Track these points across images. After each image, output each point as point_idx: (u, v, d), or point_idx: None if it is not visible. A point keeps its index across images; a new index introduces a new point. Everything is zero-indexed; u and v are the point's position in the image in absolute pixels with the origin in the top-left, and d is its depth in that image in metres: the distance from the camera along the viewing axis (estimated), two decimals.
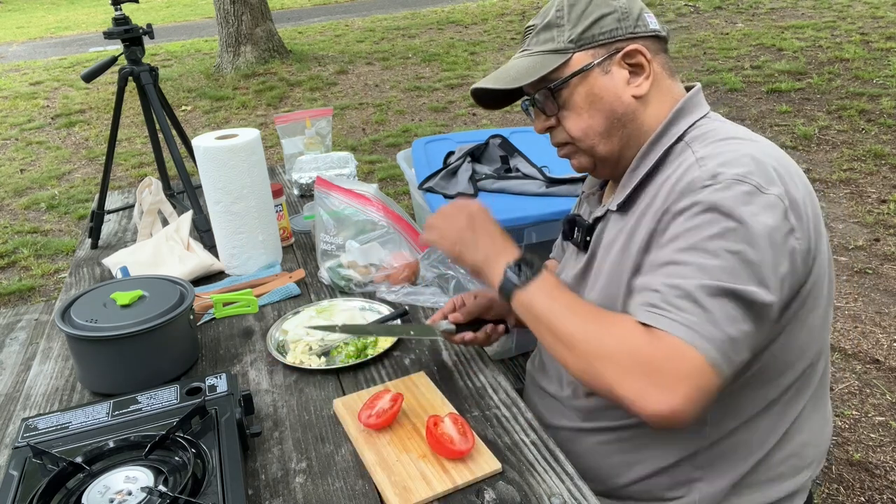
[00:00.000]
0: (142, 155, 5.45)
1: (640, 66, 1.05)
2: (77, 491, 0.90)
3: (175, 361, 1.27)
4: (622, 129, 1.06)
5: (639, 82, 1.05)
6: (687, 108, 1.07)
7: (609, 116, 1.06)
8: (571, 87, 1.06)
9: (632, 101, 1.05)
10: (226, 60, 7.73)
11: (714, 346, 0.86)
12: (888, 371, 2.51)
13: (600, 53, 1.05)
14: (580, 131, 1.07)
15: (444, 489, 0.96)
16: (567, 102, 1.07)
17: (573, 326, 0.94)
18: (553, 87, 1.06)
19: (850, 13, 8.13)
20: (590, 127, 1.07)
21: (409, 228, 1.58)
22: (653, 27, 1.07)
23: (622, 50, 1.04)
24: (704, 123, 1.06)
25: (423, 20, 10.50)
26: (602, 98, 1.05)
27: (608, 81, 1.05)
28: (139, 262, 1.65)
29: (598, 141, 1.07)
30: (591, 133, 1.07)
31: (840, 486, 2.06)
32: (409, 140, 5.19)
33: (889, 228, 3.47)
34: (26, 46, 11.40)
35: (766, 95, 5.59)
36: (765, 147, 0.99)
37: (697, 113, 1.07)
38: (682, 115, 1.06)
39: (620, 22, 1.04)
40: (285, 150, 2.26)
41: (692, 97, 1.08)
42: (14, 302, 3.47)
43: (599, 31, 1.04)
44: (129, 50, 1.88)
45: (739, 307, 0.87)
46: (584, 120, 1.07)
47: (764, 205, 0.90)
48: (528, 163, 2.12)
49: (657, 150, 1.05)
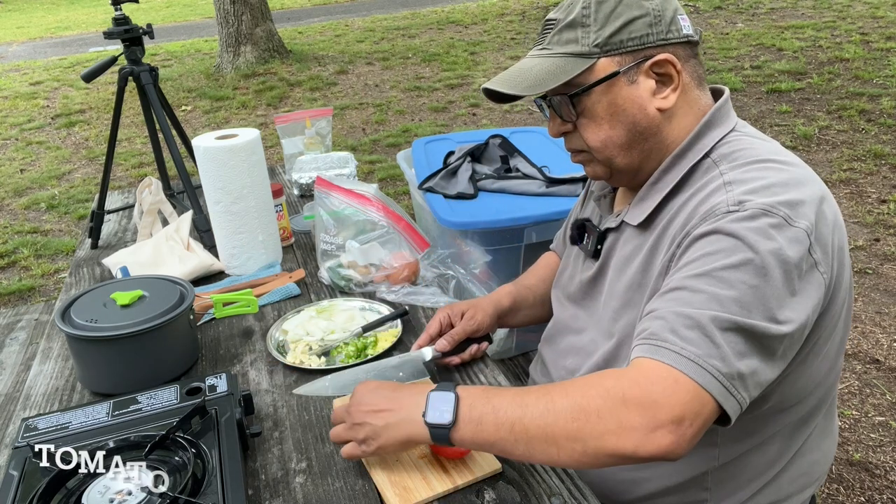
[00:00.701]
0: (142, 155, 5.45)
1: (668, 77, 0.97)
2: (77, 491, 0.90)
3: (175, 361, 1.26)
4: (644, 142, 1.00)
5: (666, 93, 0.98)
6: (715, 120, 1.00)
7: (631, 129, 0.99)
8: (593, 95, 0.98)
9: (656, 115, 0.98)
10: (226, 60, 7.73)
11: (718, 382, 0.80)
12: (888, 371, 2.51)
13: (627, 61, 0.96)
14: (599, 142, 1.01)
15: (444, 489, 0.96)
16: (587, 110, 0.99)
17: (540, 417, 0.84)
18: (573, 94, 0.98)
19: (850, 13, 8.13)
20: (609, 138, 1.00)
21: (409, 228, 1.58)
22: (686, 32, 0.98)
23: (651, 58, 0.96)
24: (733, 139, 0.99)
25: (423, 20, 10.50)
26: (625, 109, 0.98)
27: (633, 92, 0.97)
28: (139, 262, 1.65)
29: (617, 153, 1.01)
30: (609, 144, 1.00)
31: (840, 486, 2.06)
32: (409, 140, 5.19)
33: (889, 228, 3.47)
34: (26, 46, 11.39)
35: (766, 95, 5.59)
36: (796, 174, 0.92)
37: (726, 126, 1.00)
38: (709, 129, 0.99)
39: (652, 27, 0.96)
40: (285, 150, 2.26)
41: (720, 108, 1.01)
42: (14, 302, 3.47)
43: (629, 37, 0.95)
44: (129, 50, 1.88)
45: (750, 343, 0.82)
46: (604, 130, 1.00)
47: (789, 238, 0.84)
48: (528, 163, 2.12)
49: (682, 165, 0.99)
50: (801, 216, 0.86)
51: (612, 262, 1.08)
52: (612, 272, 1.07)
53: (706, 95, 1.03)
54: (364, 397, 0.98)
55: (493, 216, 1.89)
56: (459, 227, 1.87)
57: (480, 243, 1.85)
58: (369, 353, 1.29)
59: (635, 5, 0.96)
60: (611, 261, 1.08)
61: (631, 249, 1.03)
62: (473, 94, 6.38)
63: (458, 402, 0.90)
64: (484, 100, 6.19)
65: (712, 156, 0.98)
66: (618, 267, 1.06)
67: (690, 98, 1.00)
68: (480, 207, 1.96)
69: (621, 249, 1.06)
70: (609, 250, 1.09)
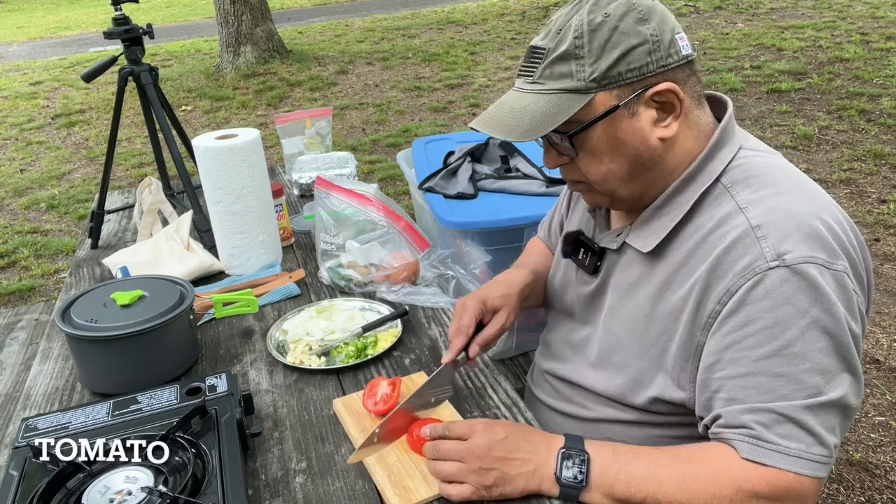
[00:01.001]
0: (142, 155, 5.45)
1: (670, 104, 0.93)
2: (77, 491, 0.90)
3: (175, 361, 1.26)
4: (646, 172, 0.96)
5: (668, 122, 0.94)
6: (722, 140, 0.96)
7: (633, 161, 0.95)
8: (592, 131, 0.93)
9: (658, 144, 0.94)
10: (226, 60, 7.73)
11: (823, 464, 0.85)
12: (888, 371, 2.51)
13: (626, 93, 0.91)
14: (599, 176, 0.97)
15: None
16: (585, 145, 0.95)
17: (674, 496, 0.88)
18: (572, 134, 0.93)
19: (850, 13, 8.13)
20: (610, 171, 0.96)
21: (409, 228, 1.58)
22: (685, 53, 0.93)
23: (652, 87, 0.91)
24: (742, 159, 0.96)
25: (423, 20, 10.50)
26: (626, 143, 0.93)
27: (634, 124, 0.93)
28: (139, 262, 1.65)
29: (619, 185, 0.97)
30: (611, 178, 0.96)
31: (840, 486, 2.06)
32: (409, 140, 5.19)
33: (889, 228, 3.47)
34: (26, 46, 11.39)
35: (766, 95, 5.59)
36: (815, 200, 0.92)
37: (733, 145, 0.97)
38: (717, 150, 0.96)
39: (651, 54, 0.90)
40: (285, 150, 2.26)
41: (726, 127, 0.97)
42: (14, 302, 3.47)
43: (627, 69, 0.90)
44: (129, 50, 1.88)
45: (839, 412, 0.86)
46: (605, 164, 0.95)
47: (834, 285, 0.86)
48: (528, 163, 2.12)
49: (691, 190, 0.96)
50: (836, 256, 0.88)
51: (613, 283, 1.06)
52: (614, 294, 1.06)
53: (706, 113, 0.99)
54: (495, 443, 0.93)
55: (493, 216, 1.89)
56: (459, 227, 1.87)
57: (480, 243, 1.85)
58: (369, 353, 1.29)
59: (632, 32, 0.89)
60: (610, 280, 1.07)
61: (637, 276, 1.02)
62: (473, 94, 6.38)
63: (589, 463, 0.92)
64: (484, 100, 6.19)
65: (723, 180, 0.95)
66: (621, 291, 1.04)
67: (691, 120, 0.97)
68: (480, 207, 1.96)
69: (623, 272, 1.04)
70: (609, 269, 1.07)
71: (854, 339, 0.88)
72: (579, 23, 0.91)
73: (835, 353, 0.86)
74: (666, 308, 0.97)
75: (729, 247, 0.90)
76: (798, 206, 0.90)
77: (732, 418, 0.89)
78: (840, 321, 0.86)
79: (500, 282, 1.24)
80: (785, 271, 0.85)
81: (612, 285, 1.07)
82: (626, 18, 0.90)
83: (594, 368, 1.10)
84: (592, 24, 0.90)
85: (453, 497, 0.93)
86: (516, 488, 0.92)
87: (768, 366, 0.86)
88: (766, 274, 0.86)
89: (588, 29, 0.90)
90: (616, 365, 1.05)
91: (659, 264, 0.99)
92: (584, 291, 1.13)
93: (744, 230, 0.89)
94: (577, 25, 0.90)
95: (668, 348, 0.97)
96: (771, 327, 0.86)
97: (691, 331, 0.94)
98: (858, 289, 0.90)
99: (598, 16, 0.90)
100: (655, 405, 1.01)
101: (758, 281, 0.86)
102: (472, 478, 0.92)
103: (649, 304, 0.99)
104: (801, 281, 0.85)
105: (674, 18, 0.95)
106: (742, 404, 0.88)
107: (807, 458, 0.85)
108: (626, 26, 0.89)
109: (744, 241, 0.89)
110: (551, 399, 1.21)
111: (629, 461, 0.92)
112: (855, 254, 0.91)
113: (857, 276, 0.90)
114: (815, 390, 0.85)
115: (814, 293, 0.85)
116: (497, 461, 0.92)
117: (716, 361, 0.91)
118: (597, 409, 1.10)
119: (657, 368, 0.99)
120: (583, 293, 1.13)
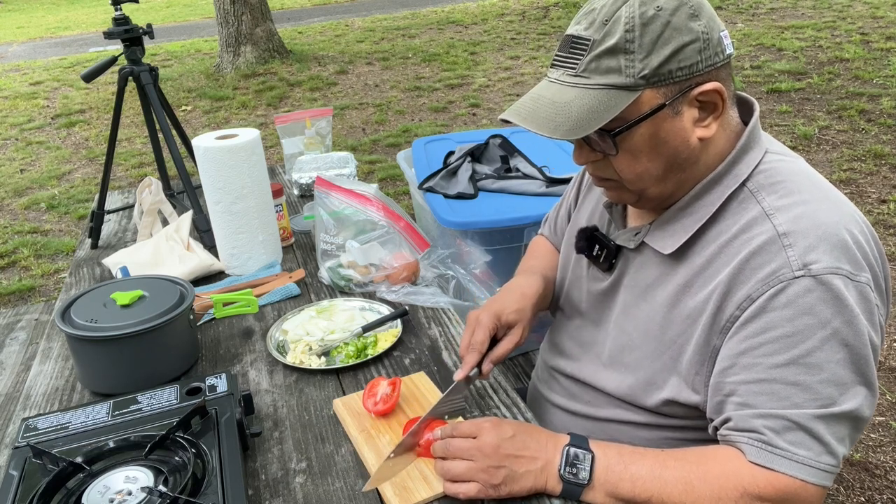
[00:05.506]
0: (142, 155, 5.45)
1: (712, 104, 0.90)
2: (77, 491, 0.90)
3: (175, 361, 1.26)
4: (681, 172, 0.94)
5: (708, 122, 0.91)
6: (750, 143, 0.95)
7: (670, 161, 0.93)
8: (635, 129, 0.90)
9: (697, 144, 0.92)
10: (226, 60, 7.73)
11: (830, 474, 0.85)
12: (888, 371, 2.51)
13: (673, 91, 0.88)
14: (634, 174, 0.94)
15: (444, 489, 0.95)
16: (626, 143, 0.91)
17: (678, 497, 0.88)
18: (616, 132, 0.89)
19: (850, 13, 8.13)
20: (646, 171, 0.93)
21: (409, 228, 1.58)
22: (729, 52, 0.91)
23: (698, 86, 0.88)
24: (768, 164, 0.95)
25: (423, 20, 10.50)
26: (667, 142, 0.91)
27: (677, 123, 0.90)
28: (139, 262, 1.65)
29: (652, 184, 0.95)
30: (645, 177, 0.94)
31: (840, 486, 2.06)
32: (409, 140, 5.19)
33: (889, 228, 3.47)
34: (26, 46, 11.39)
35: (766, 95, 5.59)
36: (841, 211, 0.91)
37: (760, 148, 0.95)
38: (745, 153, 0.94)
39: (701, 53, 0.87)
40: (285, 150, 2.26)
41: (753, 131, 0.95)
42: (14, 302, 3.47)
43: (678, 67, 0.86)
44: (129, 50, 1.88)
45: (850, 424, 0.86)
46: (642, 164, 0.92)
47: (857, 297, 0.85)
48: (528, 163, 2.12)
49: (717, 193, 0.94)
50: (860, 268, 0.87)
51: (627, 282, 1.05)
52: (628, 294, 1.05)
53: (735, 112, 0.98)
54: (504, 441, 0.93)
55: (493, 216, 1.89)
56: (459, 227, 1.88)
57: (480, 243, 1.85)
58: (369, 353, 1.29)
59: (684, 29, 0.86)
60: (624, 279, 1.06)
61: (655, 277, 1.00)
62: (473, 94, 6.38)
63: (593, 461, 0.92)
64: (484, 100, 6.19)
65: (749, 185, 0.94)
66: (636, 291, 1.04)
67: (725, 120, 0.94)
68: (480, 207, 1.96)
69: (640, 272, 1.03)
70: (624, 268, 1.06)
71: (873, 352, 0.87)
72: (630, 15, 0.86)
73: (852, 365, 0.85)
74: (684, 311, 0.96)
75: (754, 252, 0.89)
76: (825, 215, 0.89)
77: (743, 422, 0.89)
78: (860, 333, 0.85)
79: (514, 292, 1.20)
80: (810, 281, 0.85)
81: (625, 284, 1.06)
82: (678, 13, 0.87)
83: (605, 368, 1.09)
84: (644, 18, 0.86)
85: (460, 496, 0.92)
86: (524, 486, 0.92)
87: (784, 374, 0.86)
88: (791, 283, 0.85)
89: (640, 23, 0.86)
90: (628, 365, 1.04)
91: (679, 266, 0.97)
92: (595, 288, 1.12)
93: (770, 237, 0.88)
94: (628, 18, 0.86)
95: (683, 351, 0.97)
96: (790, 336, 0.85)
97: (709, 334, 0.93)
98: (879, 301, 0.89)
99: (651, 9, 0.86)
100: (667, 407, 1.00)
101: (781, 289, 0.86)
102: (481, 476, 0.91)
103: (667, 305, 0.98)
104: (825, 292, 0.84)
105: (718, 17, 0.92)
106: (754, 409, 0.88)
107: (814, 467, 0.85)
108: (678, 22, 0.86)
109: (769, 248, 0.88)
110: (559, 397, 1.19)
111: (634, 461, 0.92)
112: (877, 265, 0.91)
113: (878, 288, 0.89)
114: (828, 401, 0.85)
115: (837, 304, 0.84)
116: (506, 459, 0.92)
117: (731, 365, 0.91)
118: (606, 408, 1.09)
119: (671, 371, 0.98)
120: (594, 290, 1.12)
